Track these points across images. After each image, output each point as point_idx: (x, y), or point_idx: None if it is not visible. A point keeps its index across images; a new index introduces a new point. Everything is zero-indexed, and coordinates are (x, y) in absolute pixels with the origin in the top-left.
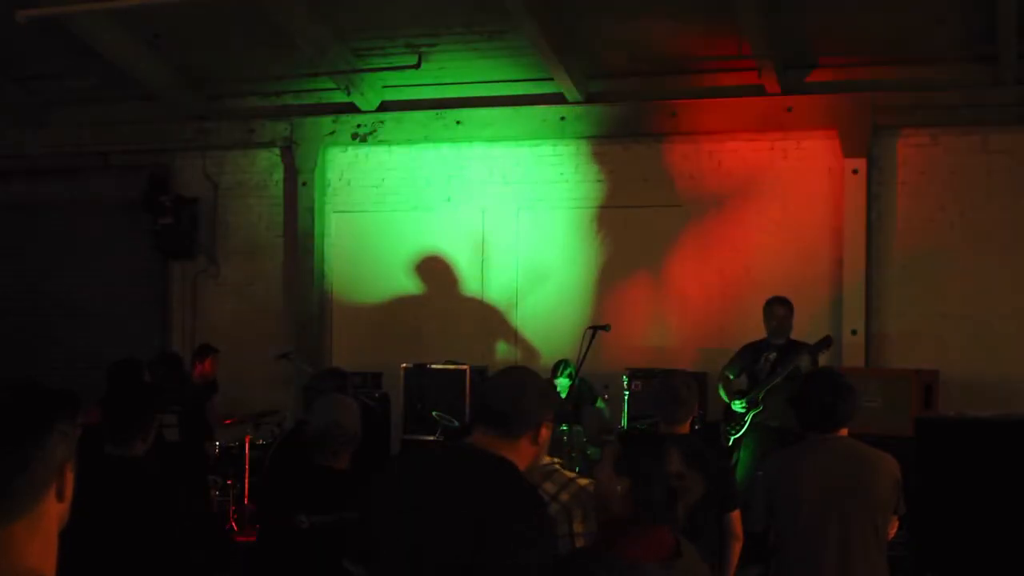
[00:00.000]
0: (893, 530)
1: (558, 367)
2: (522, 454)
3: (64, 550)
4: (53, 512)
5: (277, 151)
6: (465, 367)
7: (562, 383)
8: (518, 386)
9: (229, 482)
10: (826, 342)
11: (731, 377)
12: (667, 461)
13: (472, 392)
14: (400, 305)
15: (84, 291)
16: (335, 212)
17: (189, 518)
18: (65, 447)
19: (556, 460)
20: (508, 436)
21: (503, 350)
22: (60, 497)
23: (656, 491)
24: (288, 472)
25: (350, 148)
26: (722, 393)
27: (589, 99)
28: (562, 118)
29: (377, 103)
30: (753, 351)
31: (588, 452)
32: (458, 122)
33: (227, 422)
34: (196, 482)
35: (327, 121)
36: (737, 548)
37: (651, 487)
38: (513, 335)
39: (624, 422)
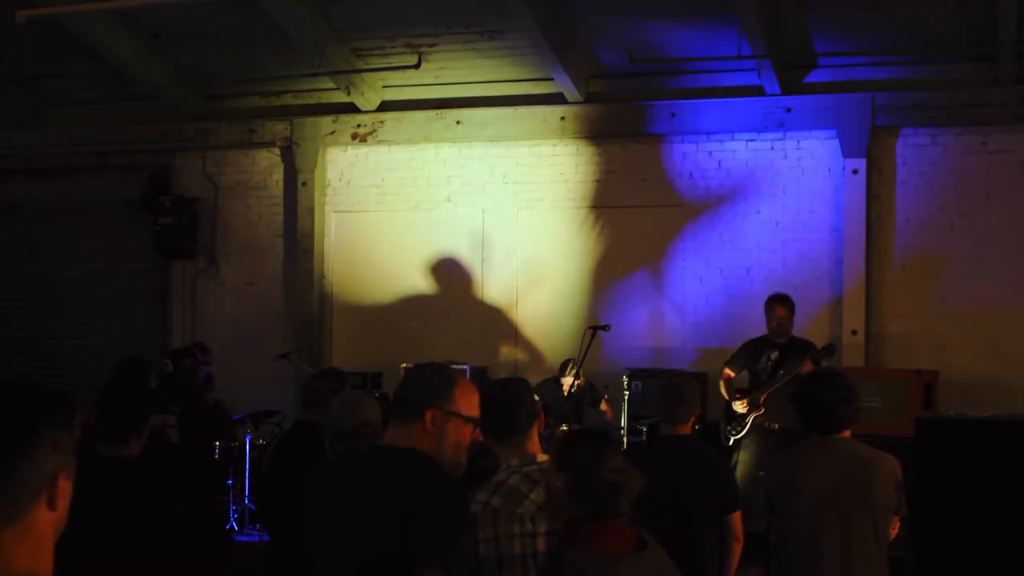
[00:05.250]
0: (895, 531)
1: (565, 366)
2: (418, 440)
3: (57, 550)
4: (45, 520)
5: (277, 151)
6: (465, 367)
7: (567, 382)
8: (410, 371)
9: (229, 482)
10: (829, 350)
11: (732, 374)
12: (605, 456)
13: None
14: (400, 305)
15: (84, 291)
16: (335, 212)
17: (186, 520)
18: (58, 457)
19: (548, 458)
20: (399, 419)
21: (503, 350)
22: (51, 506)
23: (592, 485)
24: (299, 470)
25: (350, 148)
26: (723, 391)
27: (589, 99)
28: (562, 118)
29: (377, 103)
30: (755, 348)
31: None
32: (458, 122)
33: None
34: (197, 482)
35: (327, 121)
36: (738, 549)
37: (587, 481)
38: (513, 335)
39: (624, 422)
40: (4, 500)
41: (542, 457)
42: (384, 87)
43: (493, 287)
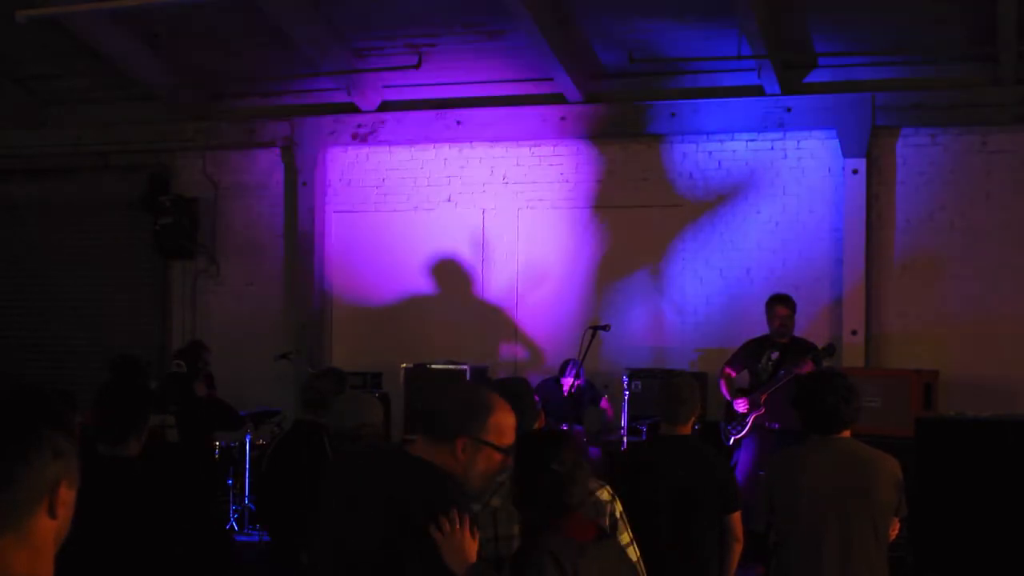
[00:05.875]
0: (895, 532)
1: (565, 366)
2: (445, 463)
3: (57, 551)
4: (45, 528)
5: (277, 151)
6: (465, 367)
7: (568, 382)
8: (448, 395)
9: (229, 482)
10: (829, 350)
11: (733, 374)
12: (553, 455)
13: None
14: (400, 305)
15: (84, 291)
16: (335, 212)
17: (186, 520)
18: (61, 464)
19: None
20: (429, 436)
21: (503, 350)
22: (52, 514)
23: (540, 484)
24: (299, 470)
25: (350, 148)
26: (723, 390)
27: (589, 99)
28: (562, 118)
29: (377, 103)
30: (755, 348)
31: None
32: (458, 122)
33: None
34: (196, 482)
35: (327, 121)
36: (738, 549)
37: (535, 479)
38: (513, 335)
39: (624, 422)
40: (3, 507)
41: None
42: (384, 87)
43: (493, 287)
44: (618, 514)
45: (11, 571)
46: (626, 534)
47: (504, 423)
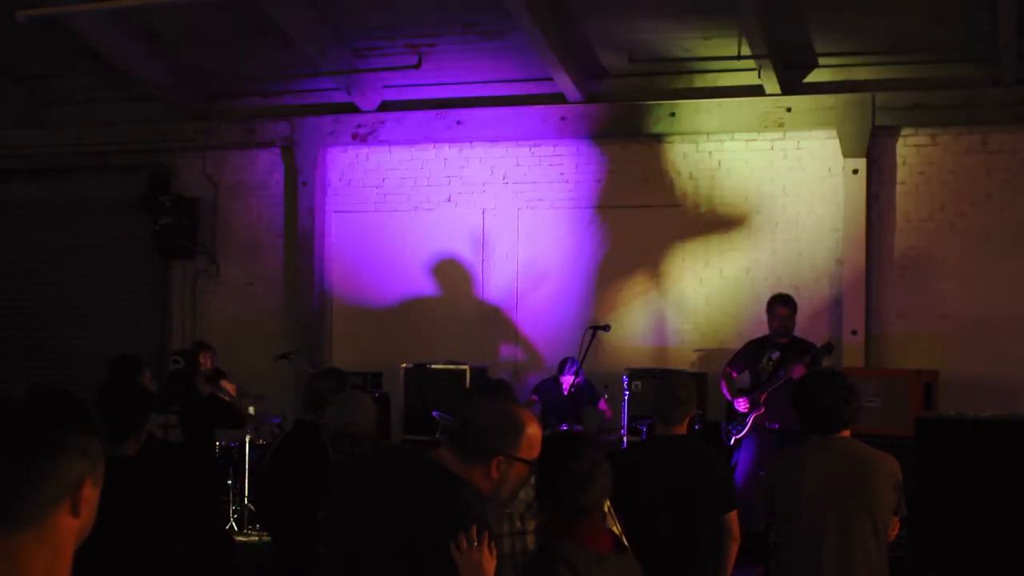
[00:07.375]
0: (894, 531)
1: (563, 364)
2: (477, 480)
3: None
4: (67, 526)
5: (277, 151)
6: (465, 367)
7: (567, 380)
8: (482, 414)
9: (229, 482)
10: (828, 348)
11: (734, 374)
12: (572, 455)
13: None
14: (400, 305)
15: (84, 291)
16: (335, 212)
17: (186, 520)
18: (86, 463)
19: None
20: (461, 458)
21: (503, 350)
22: (75, 512)
23: (559, 482)
24: (300, 470)
25: (350, 148)
26: (724, 390)
27: (589, 99)
28: (562, 118)
29: (377, 103)
30: (756, 349)
31: None
32: (458, 122)
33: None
34: (196, 482)
35: (327, 121)
36: (734, 548)
37: (553, 479)
38: (513, 335)
39: (624, 422)
40: (25, 505)
41: None
42: (384, 87)
43: (493, 287)
44: (606, 508)
45: (29, 569)
46: (616, 528)
47: (535, 437)
